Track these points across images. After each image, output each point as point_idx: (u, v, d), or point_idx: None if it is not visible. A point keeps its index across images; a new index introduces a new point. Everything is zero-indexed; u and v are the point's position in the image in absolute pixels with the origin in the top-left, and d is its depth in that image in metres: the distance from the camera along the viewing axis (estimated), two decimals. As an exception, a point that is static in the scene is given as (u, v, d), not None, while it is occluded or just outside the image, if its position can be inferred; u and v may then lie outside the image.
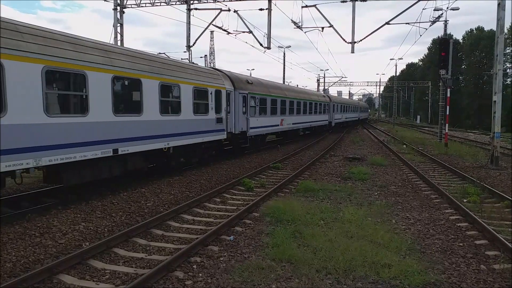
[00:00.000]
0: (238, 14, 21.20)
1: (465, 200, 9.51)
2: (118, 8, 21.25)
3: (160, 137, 11.25)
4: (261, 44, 21.70)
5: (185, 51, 26.73)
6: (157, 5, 21.52)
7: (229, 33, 21.97)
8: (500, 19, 15.26)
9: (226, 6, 20.83)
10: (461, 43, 72.38)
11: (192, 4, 21.34)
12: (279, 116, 22.53)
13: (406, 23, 22.58)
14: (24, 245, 6.14)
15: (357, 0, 19.42)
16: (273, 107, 21.54)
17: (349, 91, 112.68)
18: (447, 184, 11.84)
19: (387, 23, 20.96)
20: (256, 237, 6.80)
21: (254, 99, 18.74)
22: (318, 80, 68.46)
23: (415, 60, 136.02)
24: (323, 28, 21.67)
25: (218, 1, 20.69)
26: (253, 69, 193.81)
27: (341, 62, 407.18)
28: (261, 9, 20.70)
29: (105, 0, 20.66)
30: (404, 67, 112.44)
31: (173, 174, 12.43)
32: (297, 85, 60.08)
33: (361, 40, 20.99)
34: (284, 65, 44.50)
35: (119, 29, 21.35)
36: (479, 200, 9.30)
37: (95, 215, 7.92)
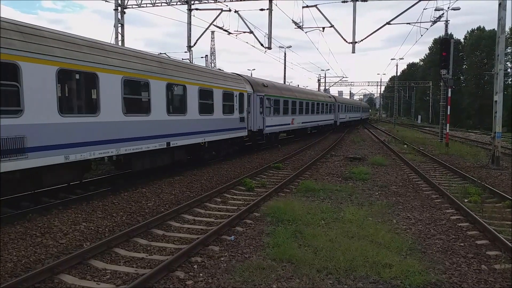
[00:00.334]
0: (239, 14, 21.23)
1: (466, 200, 9.50)
2: (119, 8, 21.28)
3: (198, 133, 13.41)
4: (262, 44, 21.72)
5: (185, 51, 26.73)
6: (157, 6, 21.54)
7: (230, 33, 21.99)
8: (501, 19, 15.25)
9: (226, 6, 20.87)
10: (462, 43, 72.31)
11: (193, 4, 21.35)
12: (290, 116, 24.05)
13: (407, 23, 22.61)
14: (25, 245, 6.16)
15: (358, 0, 19.43)
16: (285, 107, 23.13)
17: (350, 91, 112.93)
18: (448, 184, 11.83)
19: (388, 23, 20.98)
20: (257, 237, 6.80)
21: (269, 100, 20.43)
22: (319, 80, 68.49)
23: (416, 60, 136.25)
24: (324, 28, 21.71)
25: (219, 2, 20.70)
26: (254, 69, 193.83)
27: (342, 62, 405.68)
28: (261, 9, 20.74)
29: (105, 1, 20.69)
30: (405, 67, 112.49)
31: (174, 174, 12.47)
32: (297, 85, 60.09)
33: (362, 40, 21.03)
34: (285, 65, 44.69)
35: (120, 29, 21.39)
36: (480, 200, 9.30)
37: (96, 215, 7.93)
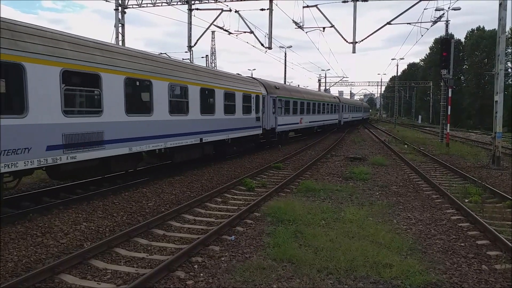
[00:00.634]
0: (239, 14, 21.24)
1: (466, 200, 9.50)
2: (120, 8, 21.29)
3: (224, 131, 15.21)
4: (262, 44, 21.73)
5: (186, 51, 26.80)
6: (158, 5, 21.55)
7: (230, 33, 21.99)
8: (502, 19, 15.24)
9: (227, 6, 20.88)
10: (462, 43, 72.25)
11: (193, 4, 21.36)
12: (299, 116, 25.81)
13: (407, 23, 22.59)
14: (25, 244, 6.16)
15: (358, 0, 19.42)
16: (294, 108, 24.80)
17: (350, 91, 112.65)
18: (449, 184, 11.82)
19: (389, 23, 20.98)
20: (257, 237, 6.79)
21: (281, 101, 22.10)
22: (319, 80, 68.45)
23: (417, 60, 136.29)
24: (324, 28, 21.75)
25: (219, 1, 20.71)
26: (254, 69, 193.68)
27: (342, 62, 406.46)
28: (262, 9, 20.75)
29: (106, 0, 20.69)
30: (405, 67, 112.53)
31: (174, 174, 12.48)
32: (298, 85, 60.06)
33: (362, 40, 21.05)
34: (285, 65, 44.68)
35: (120, 29, 21.40)
36: (480, 200, 9.29)
37: (97, 215, 7.93)
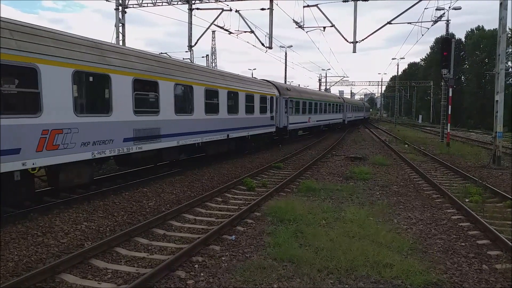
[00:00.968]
0: (239, 14, 21.20)
1: (467, 200, 9.49)
2: (120, 8, 21.28)
3: (245, 129, 17.05)
4: (262, 44, 21.70)
5: (186, 51, 26.78)
6: (158, 5, 21.54)
7: (230, 33, 21.97)
8: (502, 18, 15.23)
9: (227, 6, 20.84)
10: (463, 43, 72.13)
11: (194, 4, 21.34)
12: (307, 115, 27.69)
13: (408, 23, 22.49)
14: (26, 244, 6.16)
15: (358, 0, 19.40)
16: (304, 108, 26.53)
17: (351, 91, 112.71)
18: (449, 184, 11.82)
19: (389, 22, 20.93)
20: (258, 236, 6.80)
21: (292, 102, 23.89)
22: (320, 80, 68.44)
23: (417, 60, 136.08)
24: (324, 27, 21.67)
25: (219, 1, 20.69)
26: (255, 69, 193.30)
27: (342, 61, 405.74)
28: (262, 9, 20.71)
29: (107, 0, 20.69)
30: (406, 66, 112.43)
31: (174, 174, 12.47)
32: (298, 84, 60.00)
33: (362, 40, 20.98)
34: (285, 64, 44.65)
35: (120, 29, 21.39)
36: (481, 200, 9.28)
37: (97, 214, 7.94)
